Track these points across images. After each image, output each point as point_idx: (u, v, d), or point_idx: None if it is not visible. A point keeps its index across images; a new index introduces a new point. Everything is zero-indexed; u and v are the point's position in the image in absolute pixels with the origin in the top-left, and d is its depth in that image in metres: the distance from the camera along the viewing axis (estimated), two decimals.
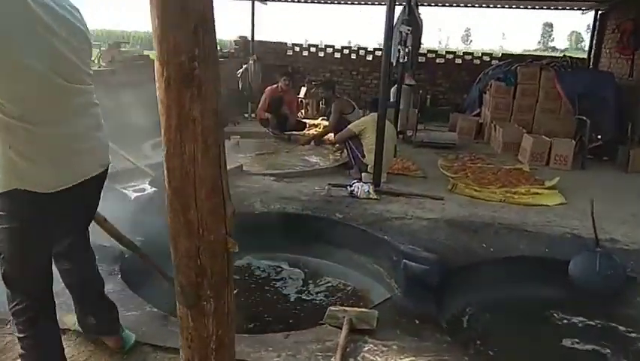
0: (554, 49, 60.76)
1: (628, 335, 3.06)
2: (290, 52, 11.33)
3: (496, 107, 7.81)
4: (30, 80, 1.55)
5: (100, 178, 1.89)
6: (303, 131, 7.65)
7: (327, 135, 6.90)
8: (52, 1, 1.61)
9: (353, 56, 11.15)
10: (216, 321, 1.25)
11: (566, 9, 10.83)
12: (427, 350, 2.40)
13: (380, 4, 10.71)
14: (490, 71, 8.88)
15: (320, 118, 8.96)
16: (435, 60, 10.89)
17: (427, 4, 10.63)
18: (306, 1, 11.80)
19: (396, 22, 6.60)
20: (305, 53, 11.32)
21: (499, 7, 11.27)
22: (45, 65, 1.56)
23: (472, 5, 11.66)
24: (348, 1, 11.72)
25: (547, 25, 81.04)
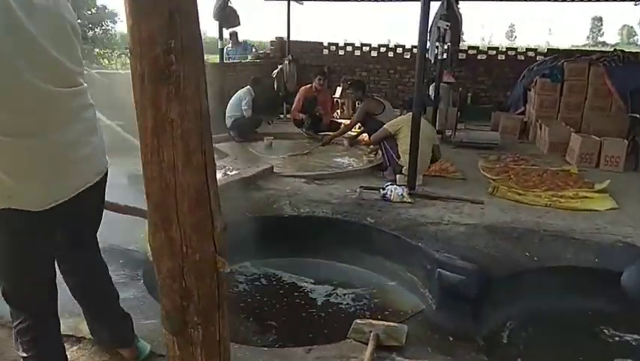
0: (604, 44, 58.25)
1: None
2: (326, 51, 11.23)
3: (542, 104, 7.50)
4: (11, 89, 1.38)
5: (98, 186, 1.76)
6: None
7: (361, 136, 6.75)
8: None
9: (390, 54, 10.91)
10: (205, 351, 1.12)
11: (617, 1, 10.31)
12: None
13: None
14: (535, 67, 8.48)
15: None
16: (476, 57, 10.53)
17: None
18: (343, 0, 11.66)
19: (434, 18, 6.37)
20: (341, 52, 11.19)
21: (545, 0, 10.81)
22: (28, 71, 1.39)
23: None
24: None
25: (597, 19, 77.83)
